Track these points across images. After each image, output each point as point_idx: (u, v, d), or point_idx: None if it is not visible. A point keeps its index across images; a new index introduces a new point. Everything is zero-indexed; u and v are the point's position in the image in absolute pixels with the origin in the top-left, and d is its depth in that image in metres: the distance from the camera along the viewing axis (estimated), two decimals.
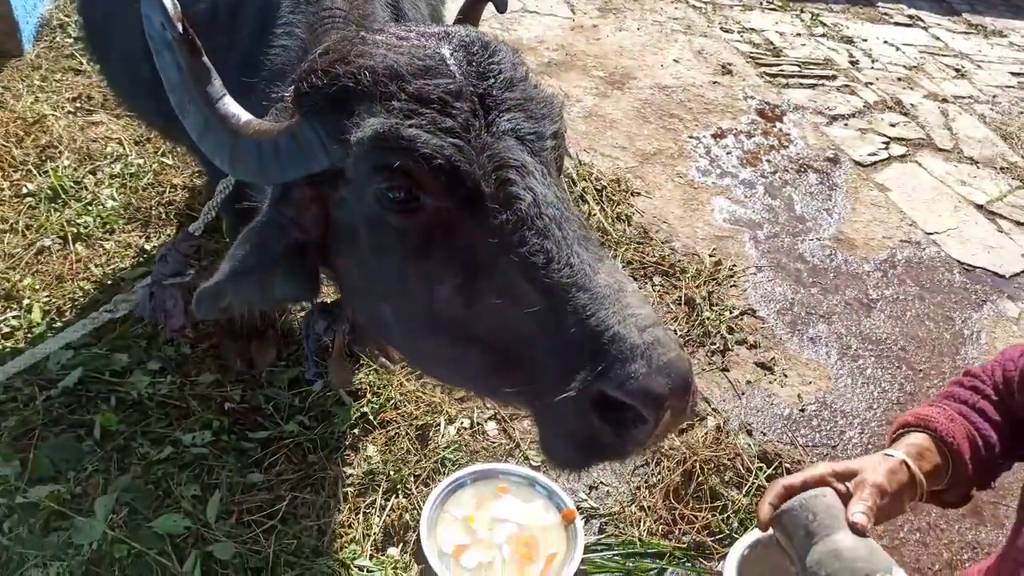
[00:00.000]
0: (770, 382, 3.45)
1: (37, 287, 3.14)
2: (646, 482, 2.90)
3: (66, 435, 2.63)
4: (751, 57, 6.21)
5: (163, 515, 2.43)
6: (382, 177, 1.33)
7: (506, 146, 1.34)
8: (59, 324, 3.00)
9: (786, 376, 3.50)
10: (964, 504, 1.68)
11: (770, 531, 2.00)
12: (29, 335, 2.95)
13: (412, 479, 2.74)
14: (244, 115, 1.44)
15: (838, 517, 1.42)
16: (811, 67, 6.26)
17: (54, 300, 3.11)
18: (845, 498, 1.44)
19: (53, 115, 4.02)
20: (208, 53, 1.40)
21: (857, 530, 1.39)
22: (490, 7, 2.01)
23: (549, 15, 6.17)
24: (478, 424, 3.02)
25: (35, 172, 3.66)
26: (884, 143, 5.39)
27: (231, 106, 1.43)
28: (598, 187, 4.36)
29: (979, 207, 4.94)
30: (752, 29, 6.71)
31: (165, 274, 1.95)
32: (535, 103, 1.43)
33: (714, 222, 4.38)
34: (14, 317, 3.00)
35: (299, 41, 1.85)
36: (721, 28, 6.61)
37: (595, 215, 4.13)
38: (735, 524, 2.77)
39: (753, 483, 2.90)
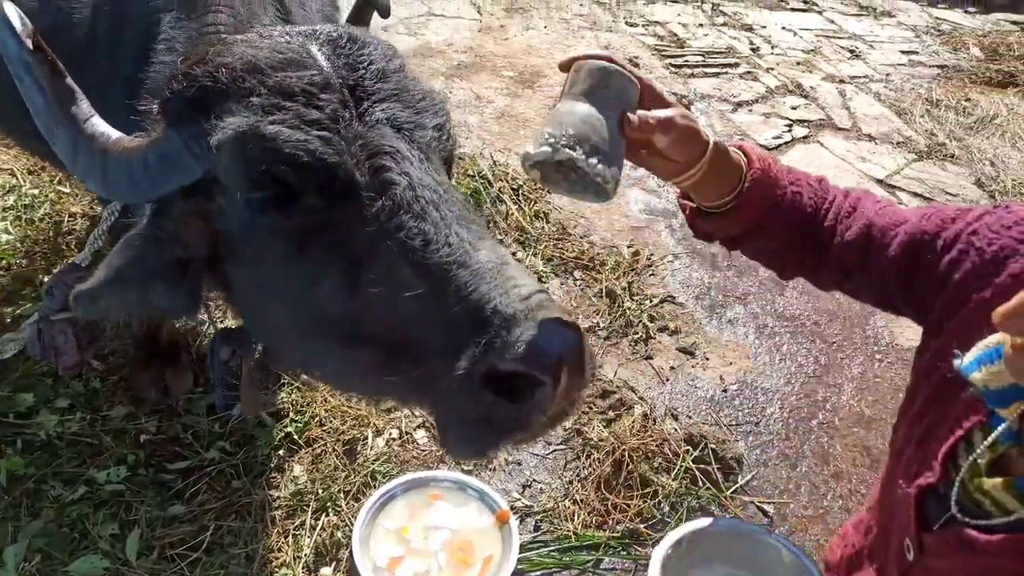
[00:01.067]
0: (692, 366, 3.54)
1: None
2: (578, 475, 2.93)
3: None
4: (656, 49, 6.35)
5: (80, 558, 2.34)
6: (249, 179, 1.29)
7: (380, 134, 1.32)
8: None
9: (707, 359, 3.59)
10: (712, 239, 1.67)
11: (694, 525, 2.04)
12: None
13: (342, 496, 2.70)
14: (113, 133, 1.39)
15: (622, 103, 1.37)
16: (714, 56, 6.43)
17: None
18: None
19: None
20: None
21: (629, 123, 1.36)
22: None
23: (456, 17, 6.18)
24: (407, 433, 3.00)
25: None
26: (787, 126, 5.59)
27: (99, 125, 1.38)
28: (514, 186, 4.38)
29: (879, 181, 5.17)
30: (656, 22, 6.86)
31: (53, 309, 1.87)
32: (411, 94, 1.42)
33: (631, 213, 4.46)
34: None
35: (180, 56, 1.80)
36: (626, 22, 6.73)
37: (513, 214, 4.15)
38: (666, 508, 2.83)
39: (681, 466, 2.96)
